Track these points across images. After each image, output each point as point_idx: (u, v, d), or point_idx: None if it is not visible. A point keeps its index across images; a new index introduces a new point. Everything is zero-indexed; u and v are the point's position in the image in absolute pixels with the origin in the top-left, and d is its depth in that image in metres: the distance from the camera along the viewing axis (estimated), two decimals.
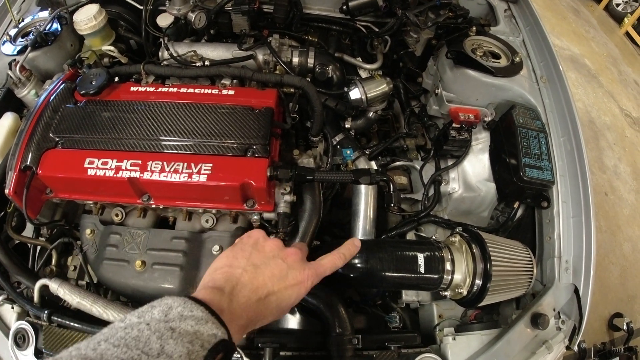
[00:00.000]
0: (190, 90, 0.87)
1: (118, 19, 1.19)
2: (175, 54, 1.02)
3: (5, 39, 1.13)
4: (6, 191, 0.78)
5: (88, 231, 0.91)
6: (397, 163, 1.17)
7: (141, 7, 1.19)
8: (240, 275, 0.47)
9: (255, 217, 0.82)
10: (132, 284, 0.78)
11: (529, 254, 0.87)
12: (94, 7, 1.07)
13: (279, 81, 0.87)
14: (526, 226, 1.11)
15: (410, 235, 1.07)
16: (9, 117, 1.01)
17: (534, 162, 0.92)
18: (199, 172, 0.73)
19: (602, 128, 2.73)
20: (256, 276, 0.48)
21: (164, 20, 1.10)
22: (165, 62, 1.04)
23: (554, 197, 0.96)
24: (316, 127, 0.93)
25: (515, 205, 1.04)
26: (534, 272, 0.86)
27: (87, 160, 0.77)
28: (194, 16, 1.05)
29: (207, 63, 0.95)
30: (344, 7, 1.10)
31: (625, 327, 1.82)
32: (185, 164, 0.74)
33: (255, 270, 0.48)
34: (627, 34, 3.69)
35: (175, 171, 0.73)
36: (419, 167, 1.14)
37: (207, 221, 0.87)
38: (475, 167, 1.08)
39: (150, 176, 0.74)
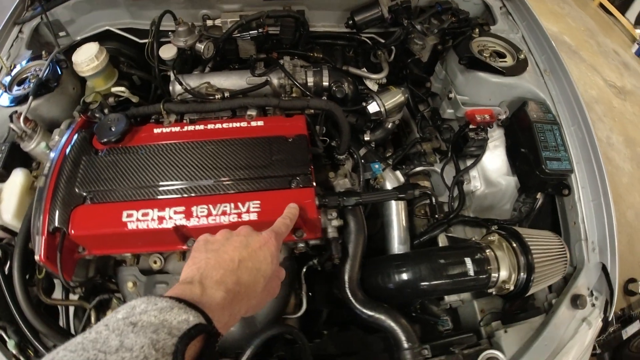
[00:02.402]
0: (218, 125, 0.90)
1: (117, 55, 1.21)
2: (188, 88, 1.05)
3: None
4: (36, 257, 0.76)
5: (130, 284, 0.91)
6: (418, 168, 1.26)
7: (140, 41, 1.22)
8: (205, 262, 0.47)
9: (301, 244, 0.87)
10: None
11: (561, 242, 0.97)
12: (93, 47, 1.08)
13: (306, 106, 0.93)
14: (545, 213, 1.23)
15: (442, 237, 1.15)
16: (19, 174, 0.99)
17: (553, 155, 1.03)
18: (248, 211, 0.75)
19: (590, 102, 2.95)
20: (220, 255, 0.48)
21: (167, 53, 1.13)
22: (178, 97, 1.07)
23: (574, 184, 1.07)
24: (344, 146, 0.99)
25: (538, 196, 1.14)
26: (568, 258, 0.96)
27: (125, 213, 0.77)
28: (202, 47, 1.09)
29: (226, 95, 0.99)
30: (350, 22, 1.17)
31: None
32: (232, 204, 0.76)
33: (217, 253, 0.48)
34: (601, 5, 4.00)
35: (224, 213, 0.75)
36: (439, 170, 1.23)
37: None
38: (494, 163, 1.18)
39: (198, 222, 0.75)
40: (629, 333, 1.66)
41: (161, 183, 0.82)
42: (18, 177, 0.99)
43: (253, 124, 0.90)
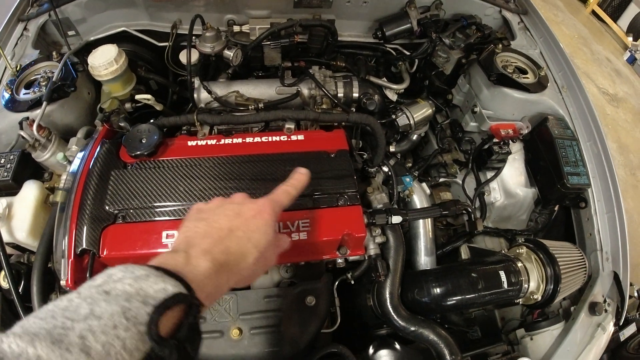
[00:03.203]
0: (257, 139, 0.93)
1: (135, 58, 1.20)
2: (216, 96, 1.07)
3: (3, 90, 1.08)
4: (62, 283, 0.74)
5: None
6: (440, 180, 1.35)
7: (159, 44, 1.22)
8: (194, 231, 0.46)
9: (340, 260, 0.93)
10: (232, 355, 0.80)
11: (581, 252, 1.09)
12: (112, 49, 1.07)
13: (345, 120, 0.98)
14: (559, 223, 1.35)
15: (464, 248, 1.25)
16: (32, 187, 0.97)
17: (573, 170, 1.15)
18: (297, 230, 0.77)
19: None
20: (210, 223, 0.47)
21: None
22: (202, 105, 1.09)
23: (590, 198, 1.19)
24: (378, 159, 1.06)
25: (556, 209, 1.26)
26: (587, 267, 1.08)
27: (165, 233, 0.76)
28: (231, 54, 1.11)
29: (260, 105, 1.02)
30: (379, 33, 1.23)
31: (636, 295, 2.20)
32: (281, 223, 0.78)
33: (207, 222, 0.47)
34: (593, 12, 4.32)
35: None
36: (460, 182, 1.33)
37: (287, 271, 0.95)
38: (513, 175, 1.29)
39: None
40: (626, 335, 1.85)
41: (201, 200, 0.82)
42: (32, 191, 0.97)
43: (293, 137, 0.94)
